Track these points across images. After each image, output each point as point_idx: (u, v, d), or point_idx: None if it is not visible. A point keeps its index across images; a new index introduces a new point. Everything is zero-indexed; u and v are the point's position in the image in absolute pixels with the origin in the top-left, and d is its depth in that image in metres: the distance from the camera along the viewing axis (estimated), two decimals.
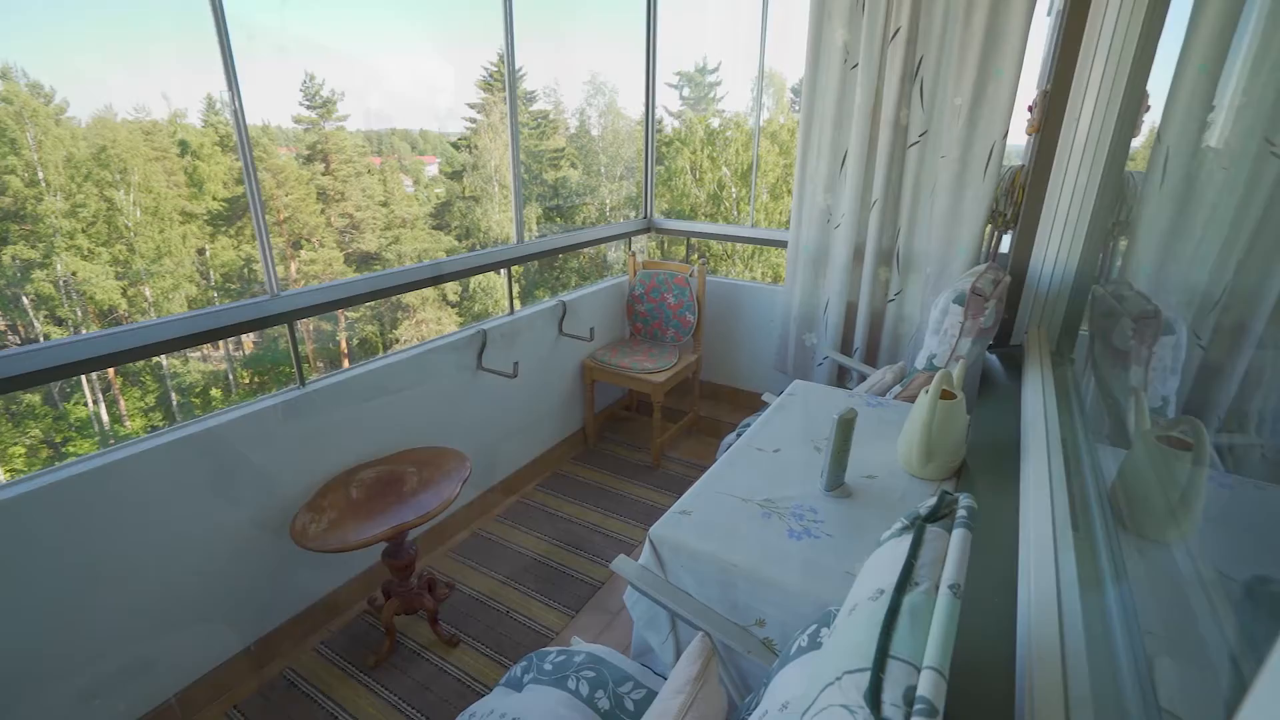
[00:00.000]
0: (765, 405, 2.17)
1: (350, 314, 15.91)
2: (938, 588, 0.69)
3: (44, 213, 13.27)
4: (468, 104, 18.38)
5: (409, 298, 16.52)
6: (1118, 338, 1.55)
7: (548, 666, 1.26)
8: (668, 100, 19.29)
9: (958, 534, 0.74)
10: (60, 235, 13.38)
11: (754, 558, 1.29)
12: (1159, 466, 1.07)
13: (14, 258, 13.06)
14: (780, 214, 16.48)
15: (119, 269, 14.03)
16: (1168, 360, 1.31)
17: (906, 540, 0.78)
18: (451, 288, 17.21)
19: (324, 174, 16.75)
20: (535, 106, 18.79)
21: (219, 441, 1.68)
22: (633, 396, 3.51)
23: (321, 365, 16.12)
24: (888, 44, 2.42)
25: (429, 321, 17.01)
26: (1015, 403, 1.73)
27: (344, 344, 16.38)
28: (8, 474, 12.87)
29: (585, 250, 3.25)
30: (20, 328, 13.53)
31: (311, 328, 15.51)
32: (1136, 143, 1.79)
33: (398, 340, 16.75)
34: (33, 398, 12.80)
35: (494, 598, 2.16)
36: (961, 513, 0.78)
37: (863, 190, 2.64)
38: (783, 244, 3.00)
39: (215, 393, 15.04)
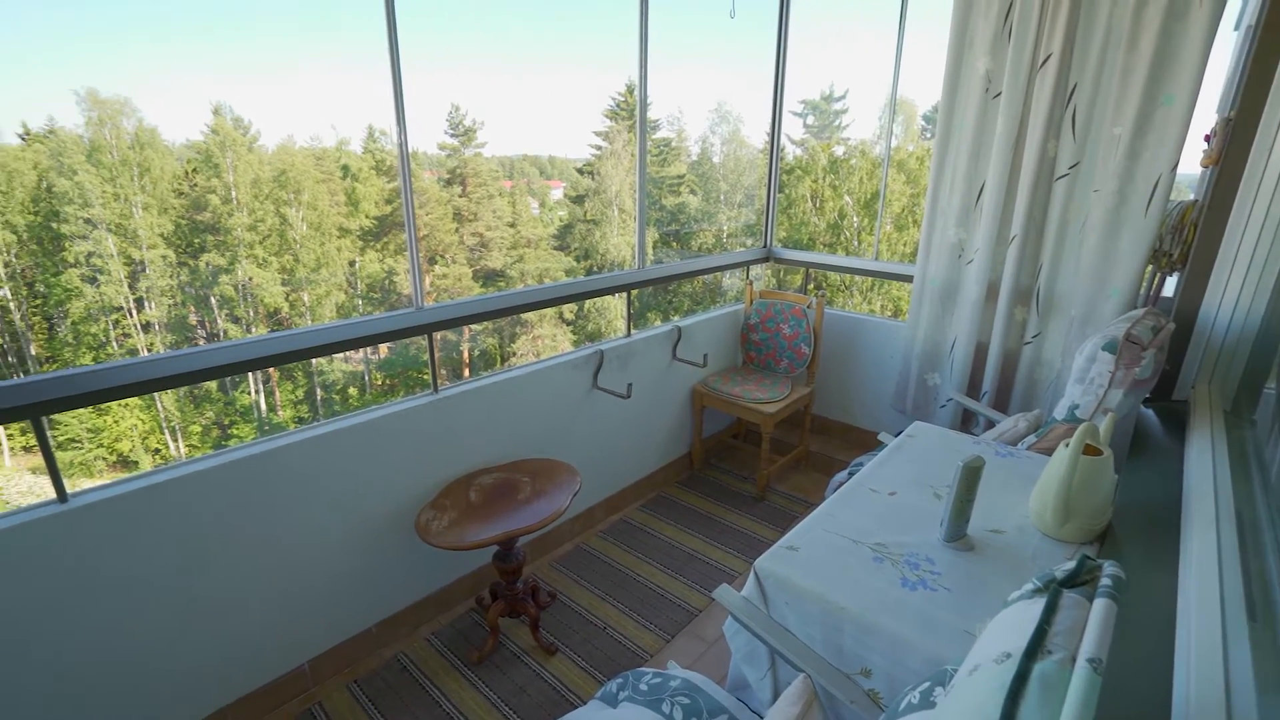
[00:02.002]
0: (881, 445, 2.08)
1: (474, 326, 17.01)
2: (1074, 660, 0.63)
3: (232, 226, 15.43)
4: (594, 131, 19.28)
5: (528, 314, 17.41)
6: None
7: (643, 687, 1.28)
8: (791, 128, 19.16)
9: (1100, 604, 0.68)
10: (243, 246, 15.46)
11: (863, 603, 1.24)
12: None
13: (208, 264, 15.26)
14: (904, 245, 15.76)
15: (284, 276, 15.97)
16: None
17: (1039, 604, 0.73)
18: (568, 306, 17.93)
19: (460, 196, 18.16)
20: (659, 135, 19.33)
21: (362, 437, 1.87)
22: (741, 425, 3.48)
23: (444, 373, 17.33)
24: (1036, 71, 2.28)
25: (545, 337, 17.81)
26: (1176, 465, 1.54)
27: (466, 354, 17.51)
28: (187, 448, 14.89)
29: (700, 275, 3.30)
30: (206, 324, 15.72)
31: (439, 337, 16.76)
32: None
33: (514, 353, 17.67)
34: (210, 384, 14.78)
35: (592, 612, 2.21)
36: (1106, 581, 0.71)
37: (1000, 225, 2.48)
38: (907, 278, 2.88)
39: (353, 391, 16.61)
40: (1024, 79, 2.31)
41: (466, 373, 17.23)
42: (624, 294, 2.73)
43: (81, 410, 13.11)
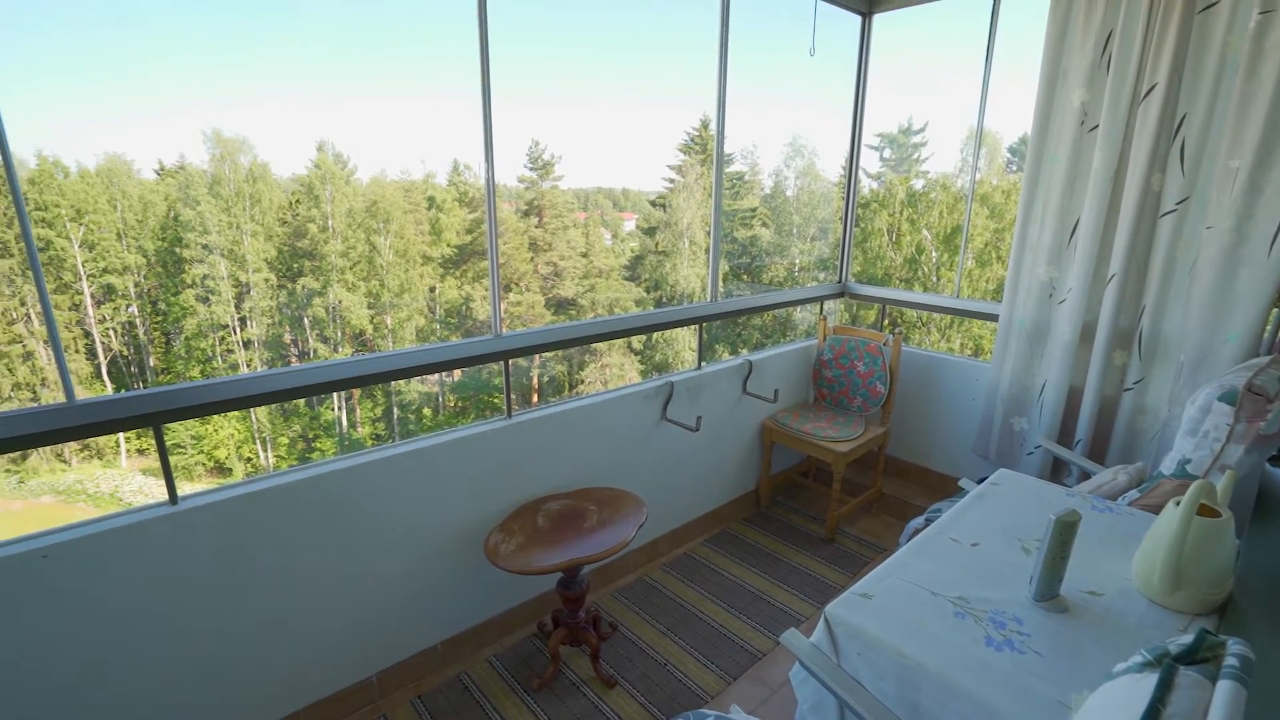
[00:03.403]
0: (962, 491, 1.98)
1: (545, 353, 17.43)
2: None
3: (327, 253, 16.57)
4: (667, 165, 19.63)
5: (598, 343, 17.69)
6: None
7: None
8: (867, 162, 18.87)
9: (1226, 686, 0.62)
10: (335, 271, 16.57)
11: (943, 660, 1.16)
12: None
13: (303, 287, 16.42)
14: (986, 282, 15.08)
15: (371, 300, 16.95)
16: None
17: (1150, 679, 0.66)
18: (636, 336, 18.11)
19: (536, 226, 18.80)
20: (732, 168, 19.47)
21: (438, 458, 1.93)
22: (811, 463, 3.38)
23: (514, 397, 17.78)
24: (1138, 104, 2.17)
25: (613, 366, 18.01)
26: None
27: (535, 380, 17.93)
28: (275, 458, 15.85)
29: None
30: (299, 342, 16.86)
31: (510, 363, 17.27)
32: None
33: (583, 381, 17.94)
34: (299, 400, 15.80)
35: (653, 646, 2.18)
36: (1232, 661, 0.64)
37: (1096, 263, 2.34)
38: (992, 317, 2.75)
39: (426, 412, 17.28)
40: (1124, 111, 2.20)
41: (535, 398, 17.62)
42: (694, 326, 2.74)
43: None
